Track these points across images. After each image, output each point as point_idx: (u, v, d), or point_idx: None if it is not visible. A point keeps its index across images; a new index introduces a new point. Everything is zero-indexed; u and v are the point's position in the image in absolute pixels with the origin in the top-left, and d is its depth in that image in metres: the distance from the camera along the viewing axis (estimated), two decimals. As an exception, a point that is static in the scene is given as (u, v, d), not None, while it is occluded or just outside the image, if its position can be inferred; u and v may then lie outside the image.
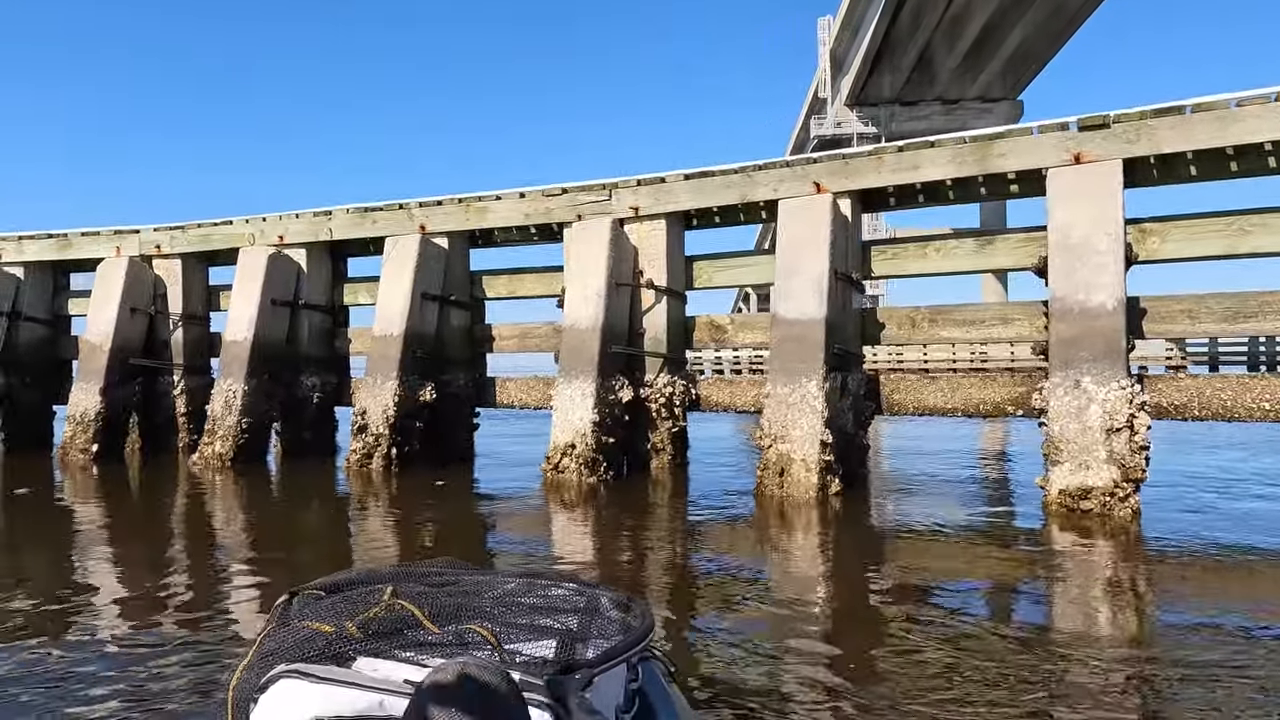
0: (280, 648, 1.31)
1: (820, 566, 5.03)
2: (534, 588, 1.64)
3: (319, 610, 1.45)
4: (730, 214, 8.07)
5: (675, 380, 8.03)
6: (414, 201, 9.22)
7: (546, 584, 1.67)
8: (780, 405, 6.68)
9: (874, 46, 35.61)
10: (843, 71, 42.19)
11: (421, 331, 8.80)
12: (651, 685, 1.52)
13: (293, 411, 9.75)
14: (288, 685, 1.20)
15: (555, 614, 1.49)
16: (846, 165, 7.09)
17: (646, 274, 8.08)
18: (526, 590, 1.62)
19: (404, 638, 1.34)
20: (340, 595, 1.52)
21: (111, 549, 5.44)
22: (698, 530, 5.86)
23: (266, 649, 1.33)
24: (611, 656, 1.35)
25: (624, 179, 8.20)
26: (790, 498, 6.42)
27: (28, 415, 11.12)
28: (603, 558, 5.24)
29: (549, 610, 1.51)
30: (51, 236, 11.20)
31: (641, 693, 1.48)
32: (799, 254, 6.95)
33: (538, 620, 1.45)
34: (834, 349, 6.77)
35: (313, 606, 1.48)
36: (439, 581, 1.62)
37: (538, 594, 1.60)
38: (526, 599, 1.56)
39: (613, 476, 7.51)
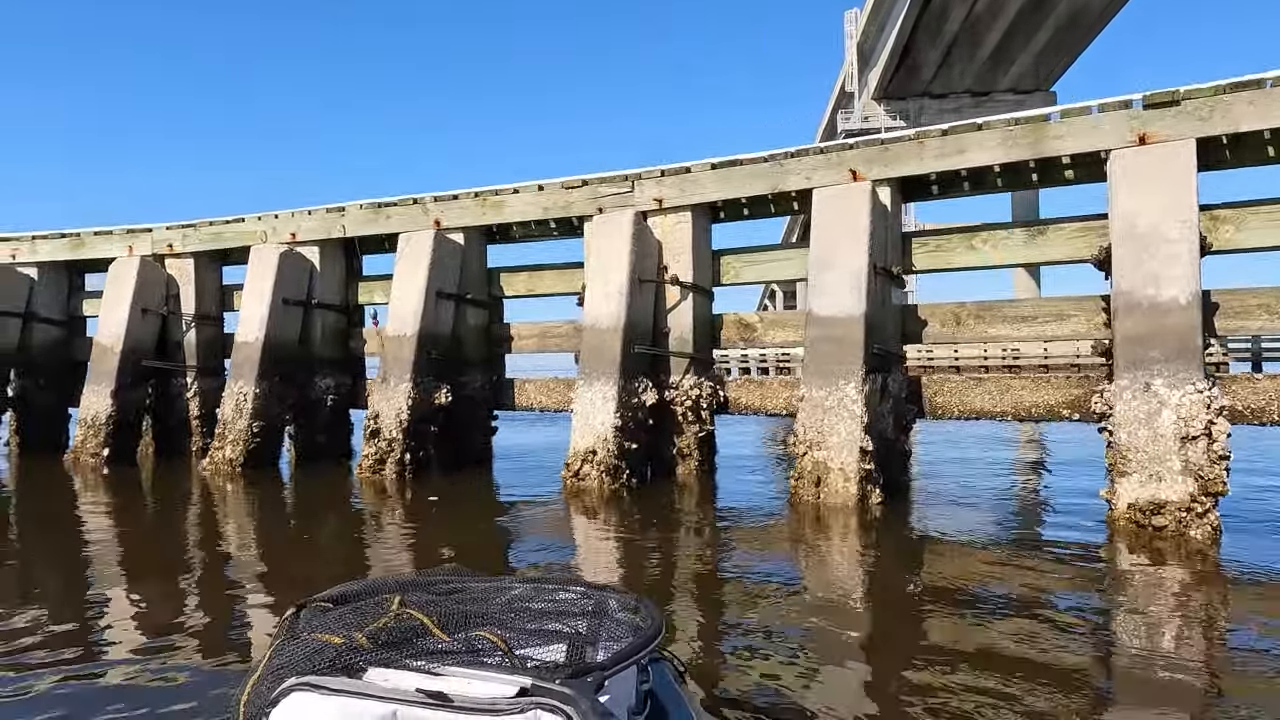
0: (290, 660, 1.29)
1: (859, 582, 4.59)
2: (541, 592, 1.62)
3: (327, 622, 1.42)
4: (759, 205, 7.61)
5: (702, 382, 7.59)
6: (428, 196, 8.86)
7: (554, 588, 1.65)
8: (816, 409, 6.21)
9: (902, 39, 34.88)
10: (870, 65, 41.44)
11: (436, 331, 8.44)
12: (662, 686, 1.52)
13: (306, 414, 9.43)
14: (300, 698, 1.19)
15: (564, 618, 1.47)
16: (885, 151, 6.61)
17: (671, 269, 7.64)
18: (534, 595, 1.60)
19: (414, 646, 1.32)
20: (348, 606, 1.49)
21: (107, 570, 5.12)
22: (727, 541, 5.42)
23: (276, 662, 1.30)
24: (622, 659, 1.33)
25: (647, 169, 7.78)
26: (827, 507, 5.96)
27: (42, 418, 10.92)
28: (627, 570, 4.85)
29: (558, 614, 1.49)
30: (64, 236, 11.00)
31: (653, 694, 1.47)
32: (835, 246, 6.48)
33: (547, 625, 1.43)
34: (873, 348, 6.29)
35: (321, 618, 1.46)
36: (446, 589, 1.60)
37: (546, 598, 1.58)
38: (535, 604, 1.54)
39: (636, 484, 7.09)
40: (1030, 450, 10.70)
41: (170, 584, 4.56)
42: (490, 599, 1.55)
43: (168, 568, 4.91)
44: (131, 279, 10.08)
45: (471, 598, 1.55)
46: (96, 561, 5.18)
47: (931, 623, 3.68)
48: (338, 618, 1.44)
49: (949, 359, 24.35)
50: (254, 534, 6.11)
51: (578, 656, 1.33)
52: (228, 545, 5.71)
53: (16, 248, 11.10)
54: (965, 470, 8.45)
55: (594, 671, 1.26)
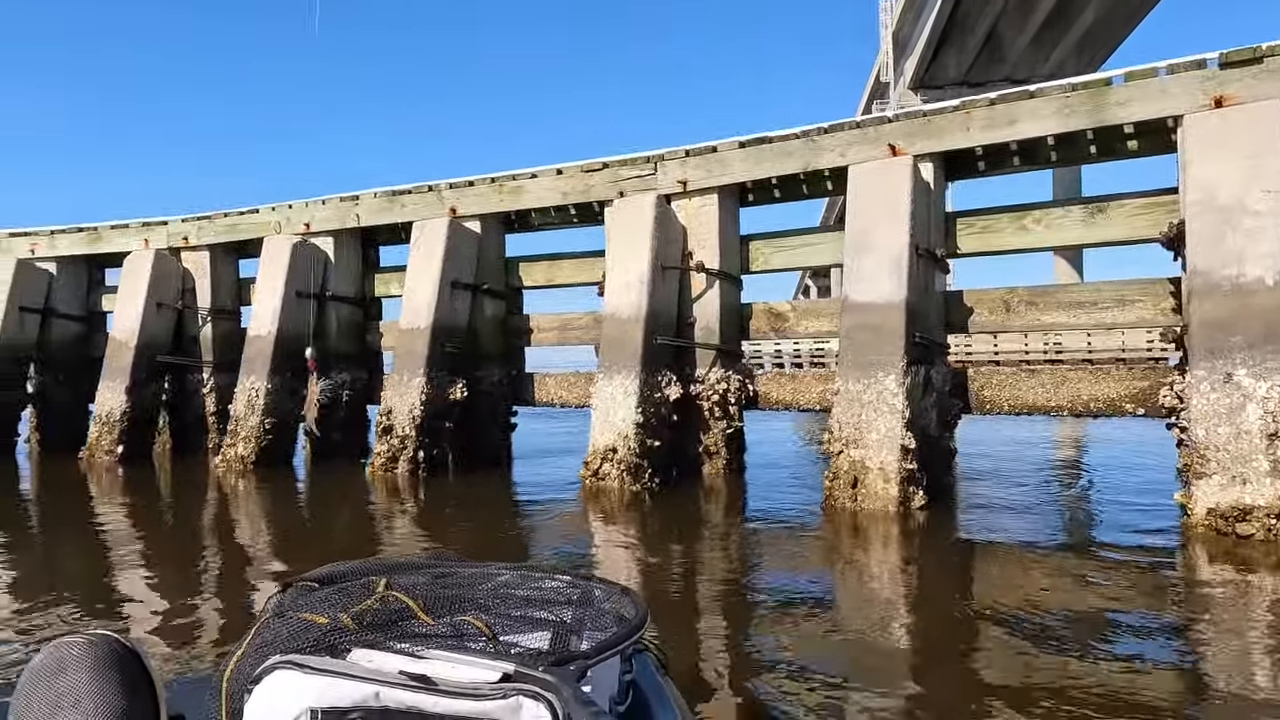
0: (274, 639, 1.29)
1: (902, 598, 4.11)
2: (528, 580, 1.61)
3: (313, 602, 1.41)
4: (791, 186, 7.12)
5: (730, 375, 7.13)
6: (444, 183, 8.50)
7: (540, 576, 1.65)
8: (852, 404, 5.72)
9: (939, 26, 33.93)
10: (906, 54, 40.46)
11: (451, 323, 8.07)
12: (645, 676, 1.51)
13: (321, 411, 9.14)
14: (282, 676, 1.19)
15: (549, 606, 1.47)
16: (928, 124, 6.09)
17: (696, 256, 7.19)
18: (520, 582, 1.59)
19: (399, 629, 1.31)
20: (334, 587, 1.48)
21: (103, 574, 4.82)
22: (756, 549, 4.97)
23: (260, 640, 1.30)
24: (606, 648, 1.34)
25: (671, 150, 7.32)
26: (865, 512, 5.47)
27: (61, 415, 10.78)
28: (646, 581, 4.41)
29: (543, 602, 1.49)
30: (82, 230, 10.84)
31: (635, 684, 1.47)
32: (873, 227, 5.98)
33: (532, 612, 1.43)
34: (915, 337, 5.78)
35: (306, 598, 1.44)
36: (433, 573, 1.60)
37: (531, 586, 1.58)
38: (520, 591, 1.54)
39: (659, 484, 6.65)
40: (1072, 449, 10.06)
41: (167, 583, 4.22)
42: (477, 584, 1.54)
43: (167, 569, 4.59)
44: (146, 273, 9.88)
45: (458, 582, 1.55)
46: (95, 567, 4.88)
47: (985, 647, 3.20)
48: (323, 598, 1.43)
49: (987, 354, 23.58)
50: (255, 537, 5.78)
51: (562, 645, 1.33)
52: (227, 547, 5.38)
53: (35, 242, 10.98)
54: (1011, 470, 7.89)
55: (577, 660, 1.26)
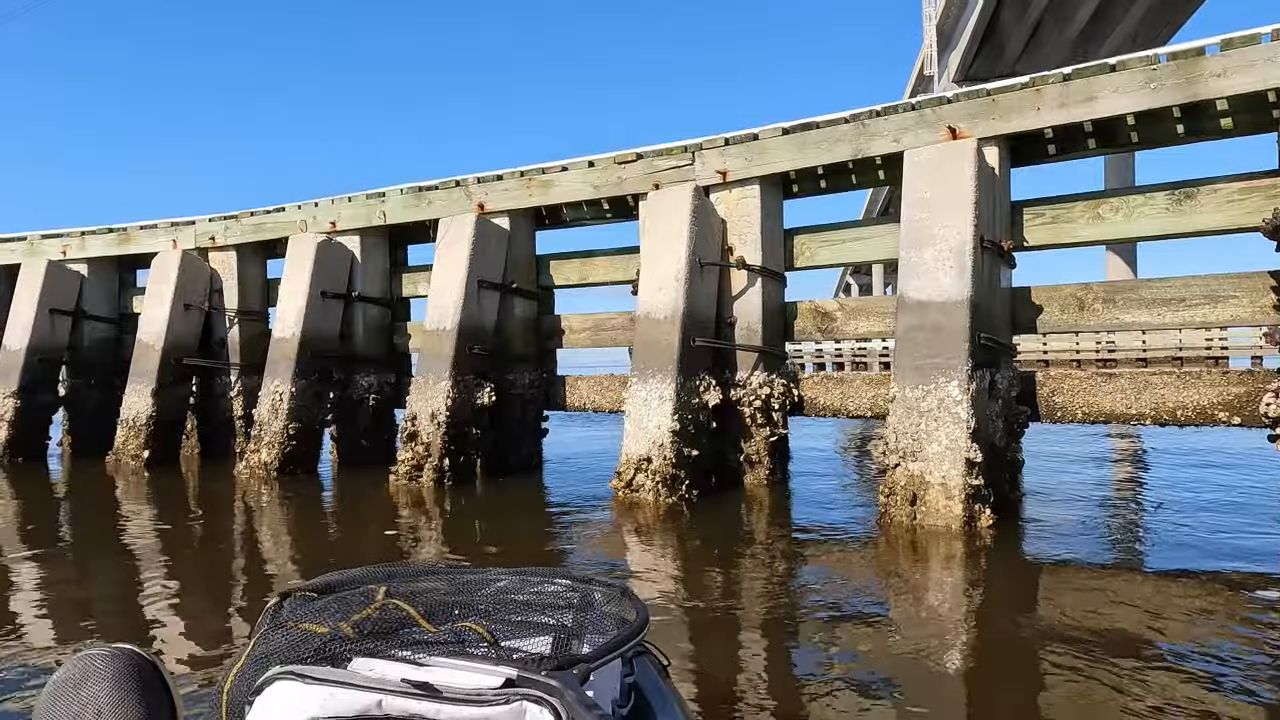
0: (274, 650, 1.27)
1: (963, 620, 3.63)
2: (528, 584, 1.58)
3: (312, 611, 1.37)
4: (839, 175, 6.61)
5: (773, 379, 6.64)
6: (471, 177, 8.14)
7: (540, 580, 1.60)
8: (910, 412, 5.20)
9: (985, 17, 32.84)
10: (950, 47, 39.34)
11: (479, 324, 7.70)
12: (646, 679, 1.49)
13: (347, 415, 8.86)
14: (283, 687, 1.17)
15: (550, 610, 1.45)
16: (993, 103, 5.54)
17: (737, 251, 6.71)
18: (520, 587, 1.56)
19: (399, 637, 1.29)
20: (333, 596, 1.44)
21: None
22: (802, 571, 4.48)
23: (260, 651, 1.28)
24: (608, 651, 1.31)
25: (709, 138, 6.86)
26: (925, 530, 4.96)
27: (92, 418, 10.67)
28: (683, 604, 3.98)
29: (544, 607, 1.46)
30: (111, 231, 10.72)
31: (637, 687, 1.45)
32: (933, 218, 5.45)
33: (533, 617, 1.41)
34: (979, 338, 5.24)
35: (305, 608, 1.40)
36: (432, 580, 1.56)
37: (532, 590, 1.55)
38: (520, 596, 1.51)
39: (697, 496, 6.20)
40: (1131, 464, 9.35)
41: (174, 596, 3.89)
42: (476, 590, 1.53)
43: (176, 583, 4.26)
44: (173, 273, 9.70)
45: (458, 589, 1.52)
46: (98, 582, 4.57)
47: (1067, 696, 2.68)
48: (322, 607, 1.40)
49: (1036, 354, 22.63)
50: (268, 553, 5.45)
51: (563, 648, 1.30)
52: (238, 563, 5.06)
53: (66, 244, 10.89)
54: (1075, 485, 7.27)
55: (579, 664, 1.22)
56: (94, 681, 1.10)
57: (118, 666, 1.12)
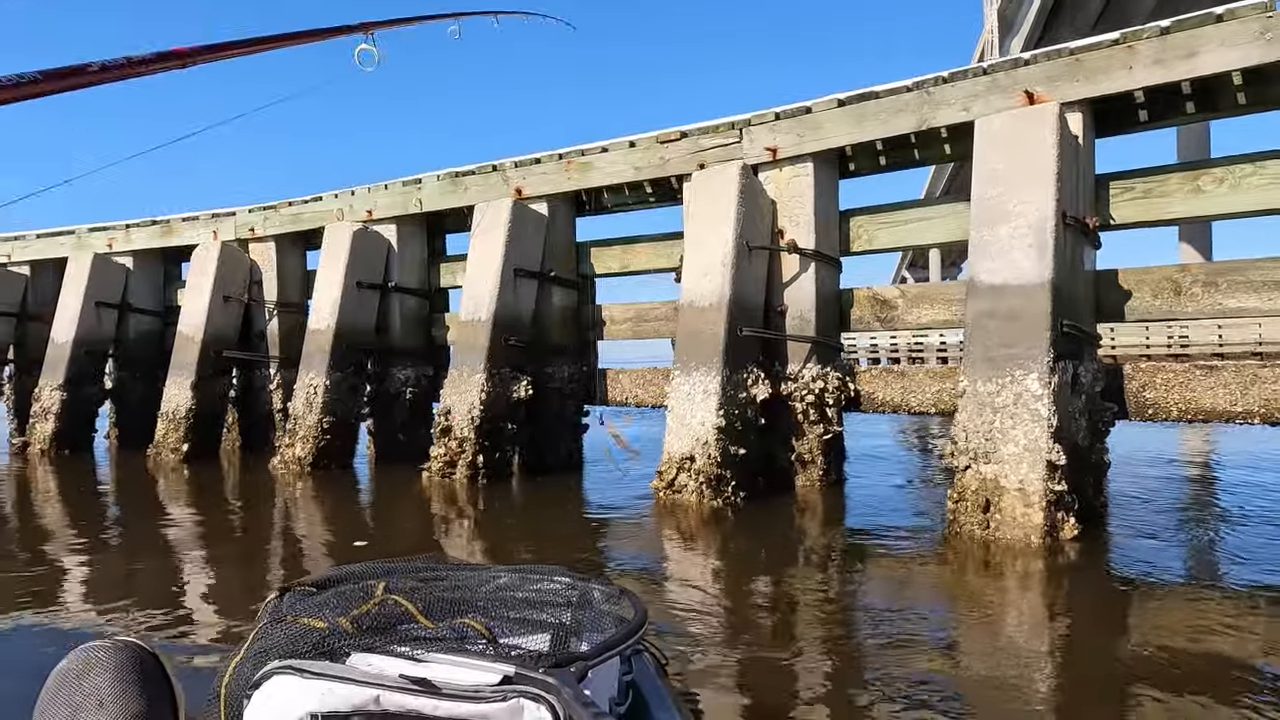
0: (273, 644, 1.28)
1: (1046, 646, 3.14)
2: (527, 582, 1.59)
3: (311, 606, 1.40)
4: (900, 150, 6.07)
5: (827, 372, 6.15)
6: (508, 161, 7.79)
7: (539, 577, 1.62)
8: (982, 409, 4.67)
9: (1049, 1, 31.52)
10: (1013, 31, 37.73)
11: (515, 314, 7.35)
12: (644, 677, 1.50)
13: (383, 409, 8.62)
14: (281, 681, 1.18)
15: (549, 608, 1.46)
16: (1078, 63, 4.95)
17: (788, 234, 6.23)
18: (519, 584, 1.57)
19: (398, 633, 1.30)
20: (332, 591, 1.46)
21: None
22: (860, 586, 4.01)
23: (259, 645, 1.29)
24: (605, 649, 1.33)
25: (758, 113, 6.38)
26: (1000, 541, 4.43)
27: (137, 411, 10.64)
28: (728, 613, 3.58)
29: (542, 604, 1.47)
30: (155, 223, 10.68)
31: (635, 685, 1.45)
32: (1008, 193, 4.89)
33: (531, 614, 1.42)
34: (1062, 326, 4.68)
35: (305, 602, 1.43)
36: (431, 576, 1.58)
37: (531, 588, 1.56)
38: (519, 593, 1.52)
39: (744, 498, 5.75)
40: (1206, 466, 8.56)
41: (187, 591, 3.61)
42: (476, 587, 1.51)
43: (195, 580, 3.99)
44: (212, 265, 9.58)
45: (457, 585, 1.51)
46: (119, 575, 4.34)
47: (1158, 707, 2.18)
48: (322, 602, 1.40)
49: (1102, 350, 21.45)
50: (275, 552, 5.18)
51: (561, 646, 1.30)
52: (258, 562, 4.79)
53: (112, 237, 10.90)
54: (1159, 491, 6.61)
55: (577, 661, 1.24)
56: (96, 672, 1.10)
57: (120, 658, 1.12)
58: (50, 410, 10.04)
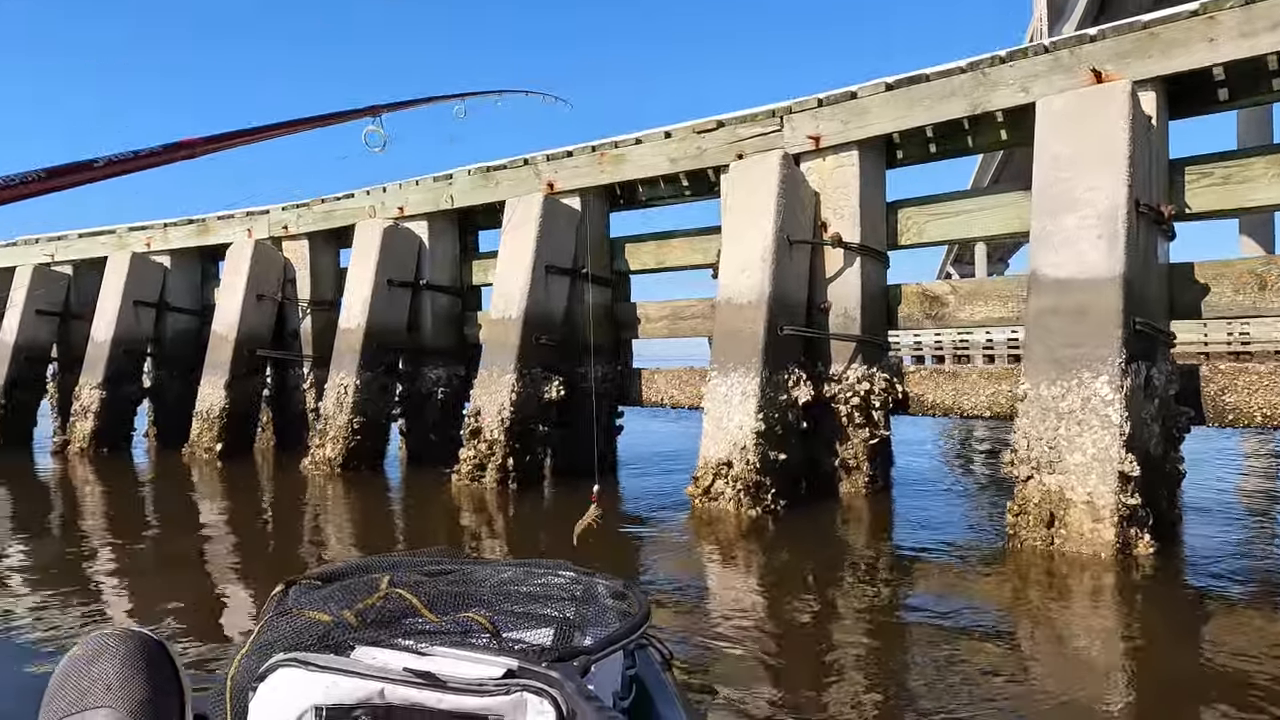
0: (278, 637, 1.29)
1: (1122, 679, 2.80)
2: (531, 576, 1.58)
3: (315, 600, 1.40)
4: (952, 136, 5.70)
5: (874, 372, 5.81)
6: (540, 155, 7.56)
7: (543, 572, 1.61)
8: (1046, 414, 4.30)
9: (1103, -19, 30.42)
10: (1063, 18, 36.70)
11: (546, 312, 7.13)
12: (648, 672, 1.51)
13: (415, 410, 8.46)
14: (286, 674, 1.19)
15: (552, 602, 1.45)
16: (1152, 37, 4.54)
17: (831, 227, 5.90)
18: (523, 579, 1.56)
19: (402, 626, 1.29)
20: (337, 584, 1.46)
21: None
22: (912, 605, 3.69)
23: (264, 639, 1.30)
24: (609, 643, 1.33)
25: (799, 100, 6.05)
26: (1066, 557, 4.07)
27: (174, 410, 10.65)
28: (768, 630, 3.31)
29: (546, 599, 1.46)
30: (191, 222, 10.68)
31: (638, 679, 1.47)
32: (1075, 179, 4.51)
33: (535, 608, 1.41)
34: (1134, 324, 4.29)
35: (309, 596, 1.43)
36: (435, 570, 1.58)
37: (535, 582, 1.54)
38: (523, 587, 1.51)
39: (785, 506, 5.44)
40: (1273, 469, 8.00)
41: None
42: (479, 581, 1.50)
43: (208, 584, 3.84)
44: (246, 264, 9.52)
45: (461, 579, 1.51)
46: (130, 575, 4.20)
47: None
48: (326, 596, 1.40)
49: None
50: (285, 555, 5.01)
51: (565, 640, 1.29)
52: (275, 565, 4.62)
53: (150, 236, 10.92)
54: (1231, 498, 6.14)
55: (580, 656, 1.24)
56: (105, 659, 1.13)
57: (129, 646, 1.14)
58: (90, 409, 10.08)
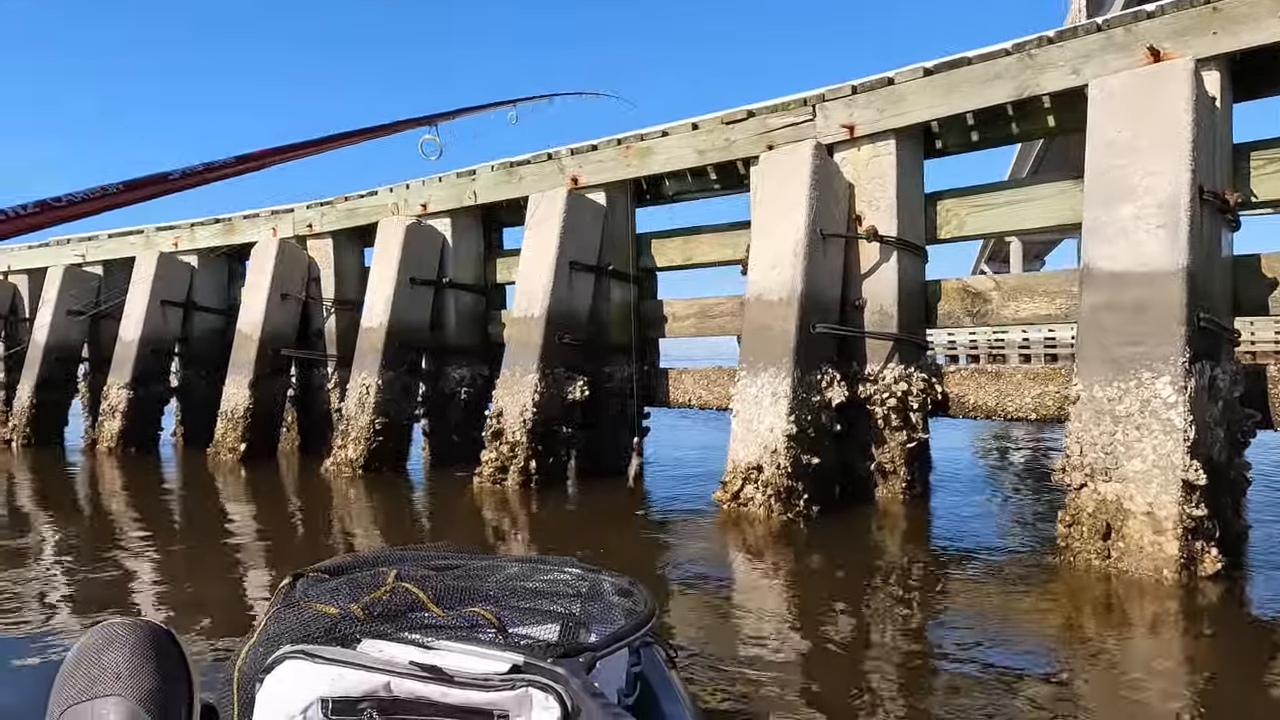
0: (285, 629, 1.30)
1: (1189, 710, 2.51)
2: (537, 572, 1.59)
3: (323, 593, 1.40)
4: (995, 124, 5.40)
5: (911, 372, 5.53)
6: (564, 149, 7.36)
7: (549, 568, 1.62)
8: (1100, 417, 4.01)
9: (1147, -32, 29.55)
10: (1104, 8, 35.91)
11: (570, 310, 6.93)
12: (652, 669, 1.49)
13: (438, 410, 8.32)
14: (293, 666, 1.20)
15: (558, 598, 1.45)
16: (1215, 12, 4.22)
17: (867, 220, 5.63)
18: (529, 574, 1.56)
19: (408, 620, 1.30)
20: (344, 578, 1.46)
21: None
22: (954, 622, 3.42)
23: (271, 631, 1.31)
24: (614, 641, 1.33)
25: (832, 88, 5.79)
26: (1124, 574, 3.77)
27: (201, 410, 10.63)
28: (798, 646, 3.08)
29: (552, 595, 1.46)
30: (218, 221, 10.66)
31: (643, 676, 1.45)
32: (1132, 164, 4.20)
33: (541, 604, 1.41)
34: (1198, 320, 3.98)
35: (316, 589, 1.43)
36: (442, 565, 1.57)
37: (541, 578, 1.55)
38: (529, 583, 1.51)
39: (818, 512, 5.19)
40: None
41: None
42: (486, 576, 1.51)
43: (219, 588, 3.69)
44: (270, 263, 9.45)
45: (467, 574, 1.51)
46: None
47: None
48: (333, 589, 1.41)
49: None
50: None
51: (570, 636, 1.30)
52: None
53: (178, 235, 10.93)
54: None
55: (586, 652, 1.24)
56: (116, 648, 1.14)
57: (138, 636, 1.15)
58: (117, 409, 10.09)
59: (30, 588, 4.06)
